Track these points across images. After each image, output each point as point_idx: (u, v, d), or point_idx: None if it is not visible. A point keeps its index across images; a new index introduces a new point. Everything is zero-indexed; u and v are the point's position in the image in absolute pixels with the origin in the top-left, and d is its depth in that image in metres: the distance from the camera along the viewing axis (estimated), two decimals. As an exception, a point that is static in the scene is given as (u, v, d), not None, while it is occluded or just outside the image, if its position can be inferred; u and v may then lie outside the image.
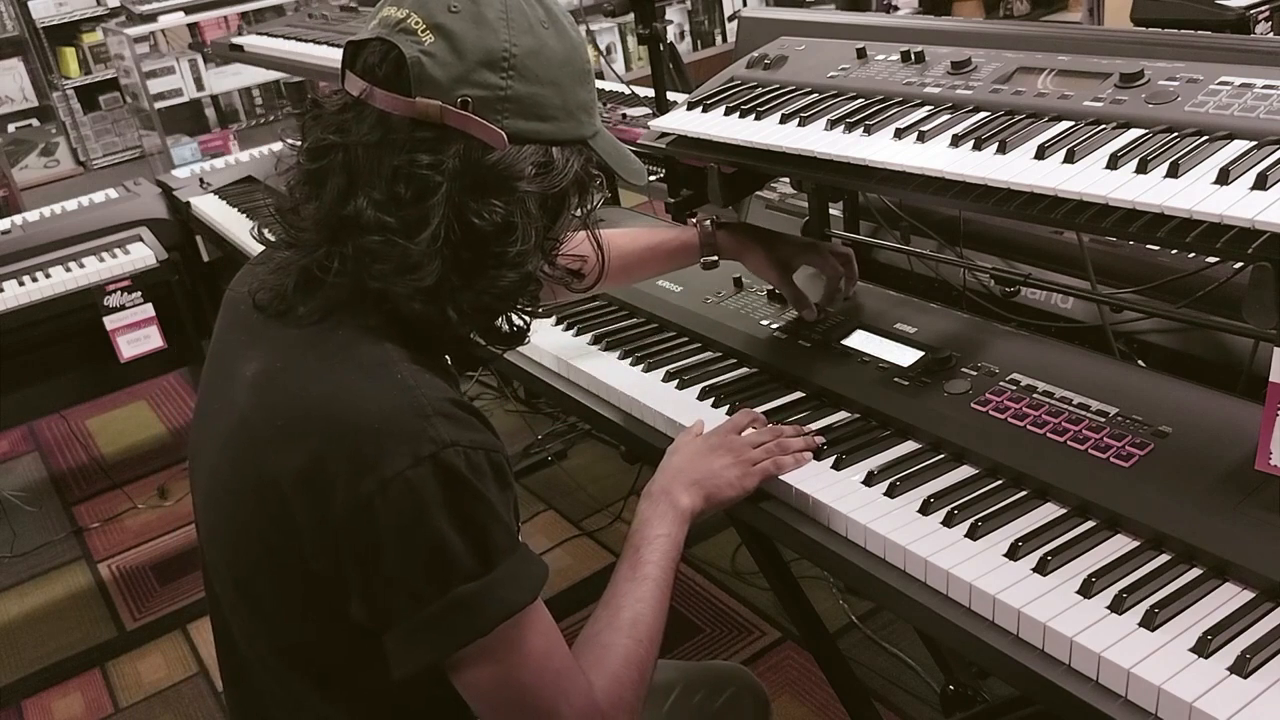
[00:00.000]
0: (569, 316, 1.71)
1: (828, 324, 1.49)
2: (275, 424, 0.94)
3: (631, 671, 1.03)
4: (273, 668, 1.05)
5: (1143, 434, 1.14)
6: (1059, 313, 1.68)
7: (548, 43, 0.98)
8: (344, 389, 0.92)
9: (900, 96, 1.40)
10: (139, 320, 2.86)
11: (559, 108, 0.98)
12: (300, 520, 0.93)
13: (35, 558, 3.09)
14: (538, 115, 0.97)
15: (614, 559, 2.71)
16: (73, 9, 5.89)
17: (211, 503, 1.05)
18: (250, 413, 0.97)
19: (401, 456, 0.88)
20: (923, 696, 2.07)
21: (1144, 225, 1.05)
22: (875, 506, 1.15)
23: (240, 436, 0.98)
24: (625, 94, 2.70)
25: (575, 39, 1.02)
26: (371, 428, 0.89)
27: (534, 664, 0.95)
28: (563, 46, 0.99)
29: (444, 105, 0.93)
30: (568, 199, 1.02)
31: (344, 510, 0.89)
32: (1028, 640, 0.97)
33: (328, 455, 0.90)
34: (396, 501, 0.88)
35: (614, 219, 2.02)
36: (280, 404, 0.95)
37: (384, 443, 0.89)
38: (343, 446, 0.90)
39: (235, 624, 1.08)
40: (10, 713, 2.51)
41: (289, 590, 0.98)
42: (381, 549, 0.90)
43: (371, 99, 0.94)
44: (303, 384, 0.94)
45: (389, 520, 0.89)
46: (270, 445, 0.94)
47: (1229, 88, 1.16)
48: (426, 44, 0.93)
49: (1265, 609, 0.94)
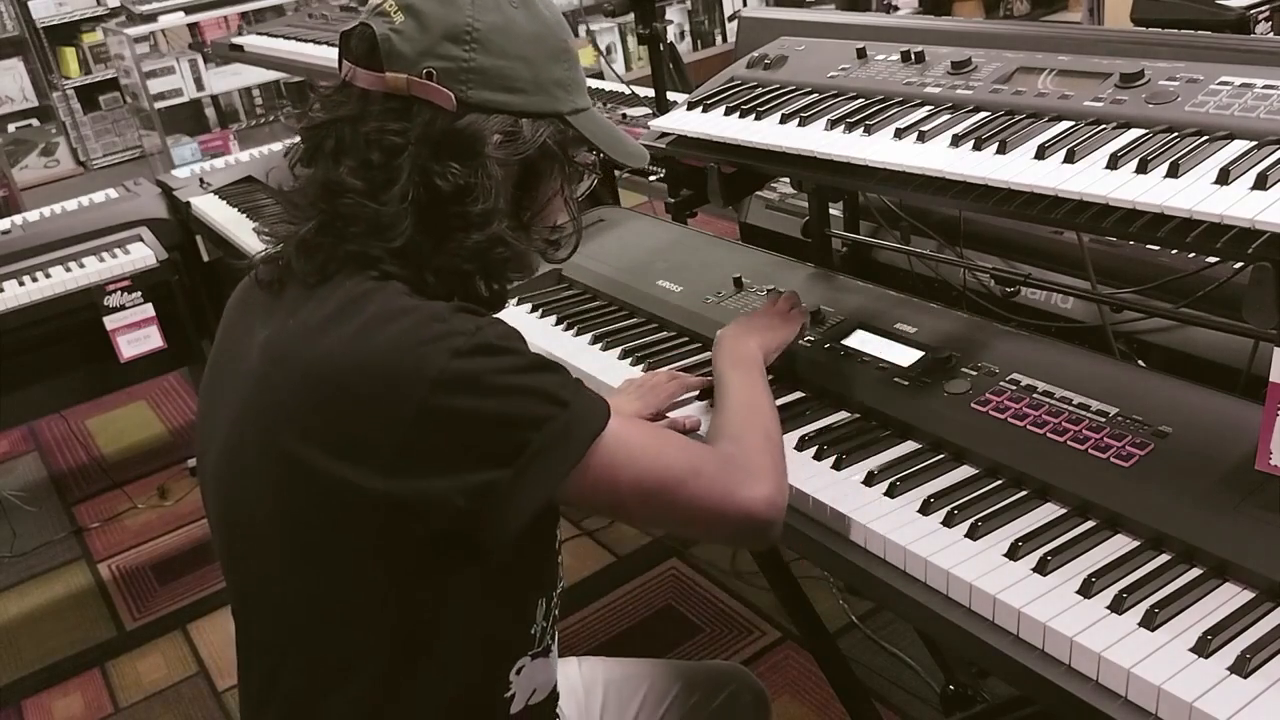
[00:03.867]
0: (569, 316, 1.71)
1: (828, 324, 1.49)
2: (296, 378, 0.96)
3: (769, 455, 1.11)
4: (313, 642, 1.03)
5: (1143, 434, 1.14)
6: (1059, 313, 1.68)
7: (515, 20, 1.03)
8: (361, 326, 0.95)
9: (900, 96, 1.40)
10: (139, 320, 2.86)
11: (529, 81, 1.04)
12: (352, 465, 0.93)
13: (35, 558, 3.09)
14: (505, 87, 1.02)
15: (614, 559, 2.73)
16: (73, 9, 5.89)
17: (225, 481, 1.05)
18: (268, 373, 0.99)
19: (439, 355, 0.92)
20: (923, 696, 2.07)
21: (1144, 225, 1.05)
22: (875, 506, 1.15)
23: (259, 402, 0.99)
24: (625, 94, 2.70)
25: (549, 19, 1.07)
26: (402, 345, 0.93)
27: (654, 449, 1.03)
28: (533, 24, 1.04)
29: (410, 77, 1.00)
30: (539, 169, 1.06)
31: (408, 425, 0.92)
32: (1028, 640, 0.97)
33: (366, 387, 0.93)
34: (456, 392, 0.92)
35: (614, 219, 2.02)
36: (300, 355, 0.97)
37: (419, 351, 0.93)
38: (380, 371, 0.93)
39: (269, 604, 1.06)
40: (10, 713, 2.51)
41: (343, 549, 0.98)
42: (460, 438, 0.93)
43: (355, 79, 1.03)
44: (318, 333, 0.97)
45: (458, 409, 0.92)
46: (296, 402, 0.96)
47: (1229, 88, 1.16)
48: (397, 23, 1.01)
49: (1265, 609, 0.94)
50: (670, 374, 1.44)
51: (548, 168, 1.07)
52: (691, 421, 1.34)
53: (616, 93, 2.81)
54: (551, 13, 1.08)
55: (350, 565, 0.98)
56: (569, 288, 1.83)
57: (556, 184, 1.10)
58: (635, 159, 1.18)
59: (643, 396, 1.38)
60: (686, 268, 1.75)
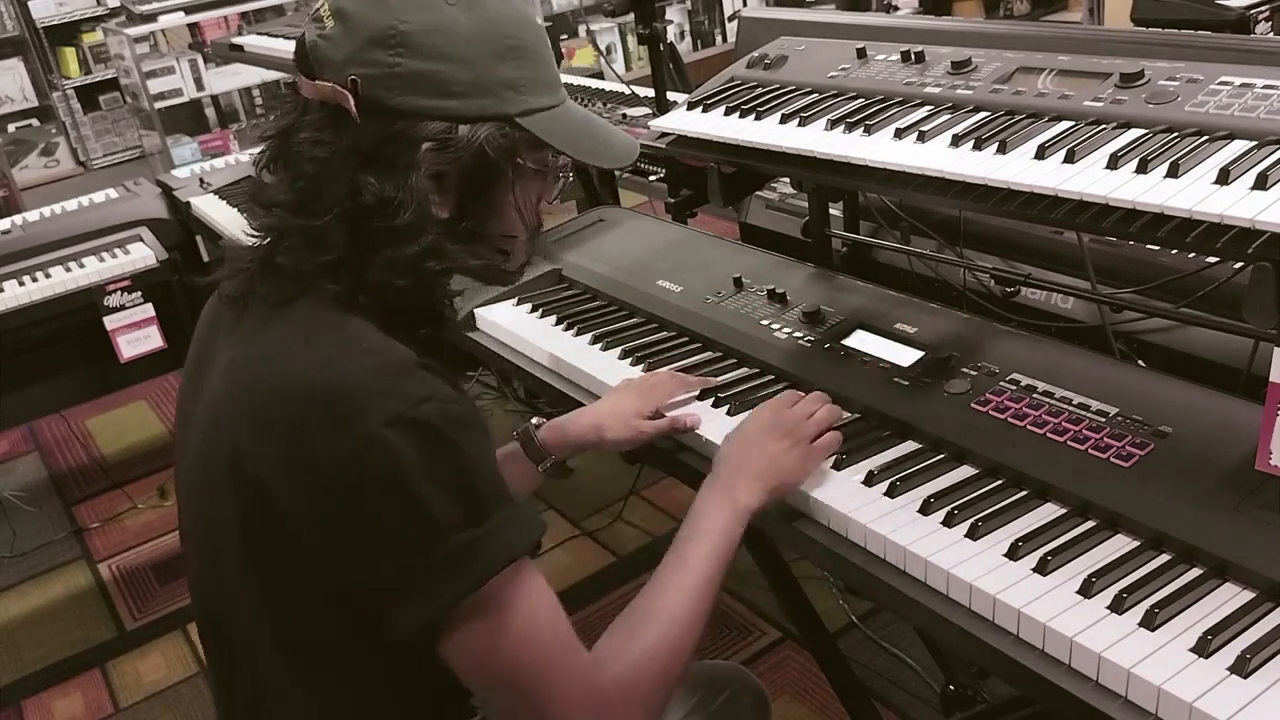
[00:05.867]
0: (569, 316, 1.71)
1: (828, 324, 1.49)
2: (247, 405, 0.95)
3: (654, 665, 1.00)
4: (264, 656, 1.04)
5: (1143, 434, 1.14)
6: (1059, 313, 1.68)
7: (451, 19, 0.98)
8: (312, 360, 0.94)
9: (900, 96, 1.40)
10: (139, 320, 2.86)
11: (467, 83, 0.98)
12: (284, 499, 0.92)
13: (35, 558, 3.09)
14: (437, 91, 0.97)
15: (614, 559, 2.73)
16: (73, 9, 5.89)
17: (192, 497, 1.05)
18: (223, 399, 0.99)
19: (375, 416, 0.89)
20: (923, 696, 2.07)
21: (1144, 225, 1.05)
22: (875, 506, 1.15)
23: (214, 424, 0.99)
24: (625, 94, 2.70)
25: (497, 15, 1.00)
26: (342, 392, 0.91)
27: (528, 631, 0.94)
28: (473, 23, 0.98)
29: (334, 85, 0.97)
30: (481, 176, 1.01)
31: (327, 477, 0.90)
32: (1028, 640, 0.97)
33: (303, 426, 0.91)
34: (377, 461, 0.88)
35: (614, 219, 2.02)
36: (251, 384, 0.96)
37: (356, 404, 0.90)
38: (316, 414, 0.91)
39: (222, 614, 1.07)
40: (10, 713, 2.51)
41: (279, 573, 0.98)
42: (370, 510, 0.90)
43: (300, 88, 1.01)
44: (271, 362, 0.96)
45: (373, 480, 0.89)
46: (245, 428, 0.95)
47: (1229, 88, 1.16)
48: (327, 29, 0.98)
49: (1265, 609, 0.94)
50: (670, 374, 1.44)
51: (491, 174, 1.02)
52: (692, 420, 1.34)
53: (616, 93, 2.81)
54: (502, 8, 1.01)
55: (303, 602, 0.98)
56: (569, 288, 1.83)
57: (505, 191, 1.04)
58: (611, 159, 1.12)
59: (642, 396, 1.38)
60: (686, 268, 1.75)
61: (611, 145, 1.11)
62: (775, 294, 1.59)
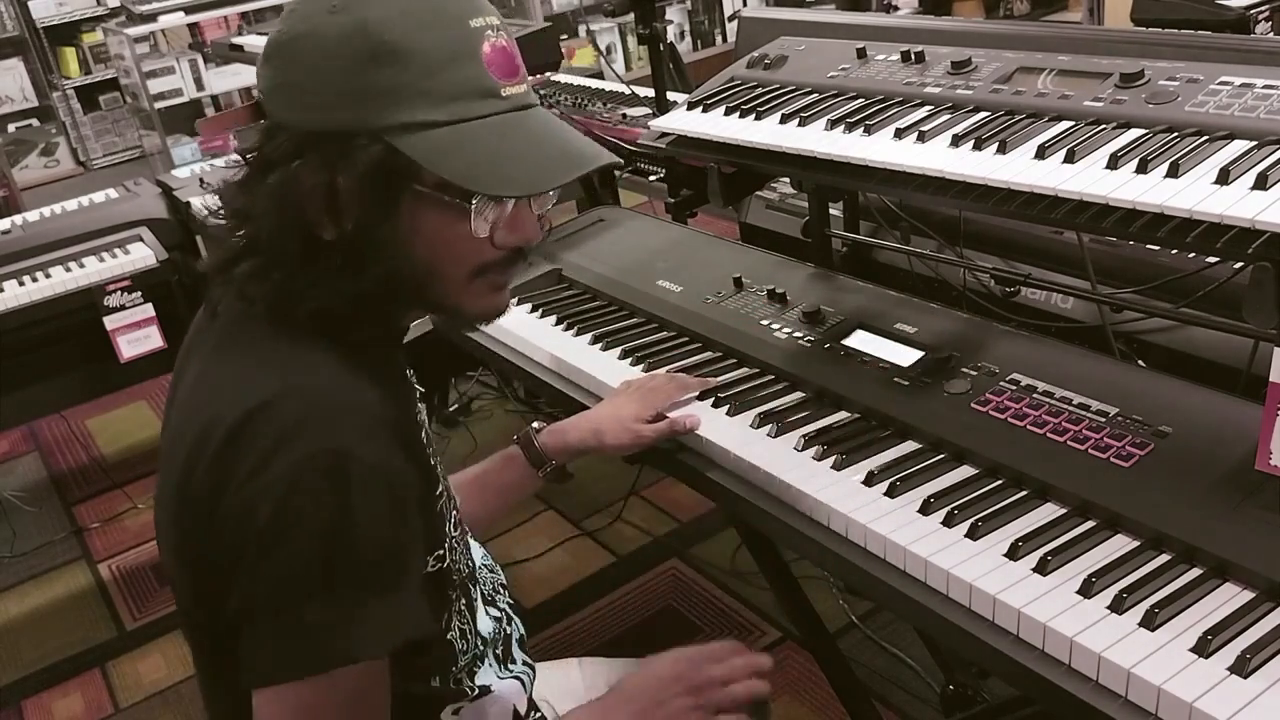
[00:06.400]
0: (569, 316, 1.71)
1: (828, 324, 1.49)
2: (188, 432, 0.91)
3: None
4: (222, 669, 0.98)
5: (1143, 434, 1.14)
6: (1059, 313, 1.68)
7: (320, 27, 0.89)
8: (250, 391, 0.88)
9: (900, 96, 1.40)
10: (139, 320, 2.86)
11: (327, 93, 0.89)
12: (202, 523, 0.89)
13: (35, 558, 3.09)
14: (301, 104, 0.90)
15: (614, 559, 2.73)
16: (73, 9, 5.89)
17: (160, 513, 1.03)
18: (173, 426, 0.97)
19: (288, 456, 0.84)
20: (923, 696, 2.07)
21: (1144, 225, 1.05)
22: (875, 506, 1.15)
23: (166, 450, 0.97)
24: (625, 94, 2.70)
25: (377, 15, 0.88)
26: (266, 428, 0.85)
27: None
28: (343, 26, 0.88)
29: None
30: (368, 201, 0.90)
31: (232, 506, 0.86)
32: (1028, 640, 0.97)
33: (226, 455, 0.86)
34: (275, 501, 0.83)
35: (614, 219, 2.02)
36: (194, 411, 0.93)
37: (280, 442, 0.84)
38: (239, 445, 0.86)
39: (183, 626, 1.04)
40: (10, 713, 2.51)
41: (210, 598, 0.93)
42: (255, 545, 0.84)
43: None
44: (215, 389, 0.92)
45: (264, 518, 0.83)
46: (184, 453, 0.91)
47: (1229, 88, 1.16)
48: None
49: (1265, 609, 0.94)
50: (669, 376, 1.44)
51: (376, 199, 0.90)
52: (692, 421, 1.34)
53: (616, 93, 2.81)
54: (388, 9, 0.89)
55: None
56: (569, 288, 1.83)
57: (399, 219, 0.91)
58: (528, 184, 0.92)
59: (642, 400, 1.38)
60: (686, 268, 1.75)
61: (543, 168, 0.93)
62: (775, 294, 1.59)
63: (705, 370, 1.48)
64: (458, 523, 1.07)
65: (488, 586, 1.16)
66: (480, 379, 3.44)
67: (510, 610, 1.18)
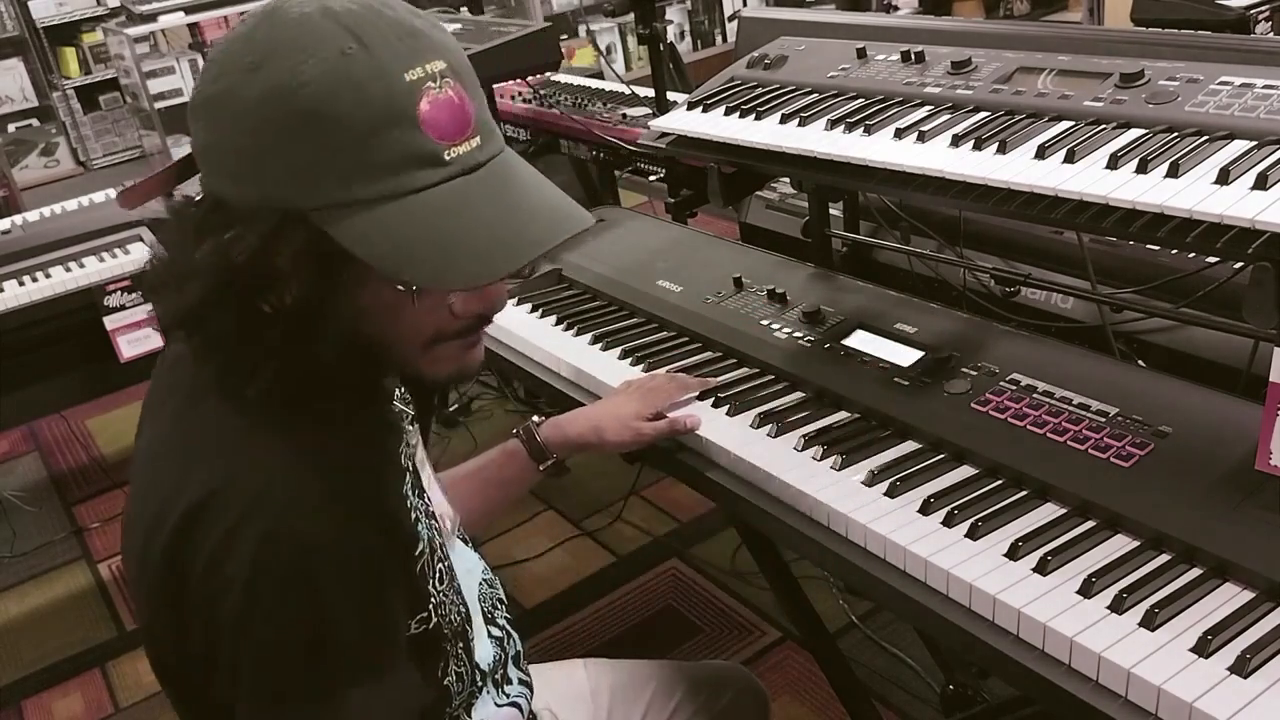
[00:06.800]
0: (569, 316, 1.71)
1: (828, 324, 1.49)
2: (145, 510, 0.88)
3: None
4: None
5: (1143, 434, 1.14)
6: (1059, 313, 1.68)
7: (238, 87, 0.79)
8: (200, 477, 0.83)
9: (900, 96, 1.40)
10: (139, 320, 2.86)
11: (251, 164, 0.80)
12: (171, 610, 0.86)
13: (35, 558, 3.09)
14: (228, 172, 0.82)
15: (614, 559, 2.73)
16: (73, 9, 5.89)
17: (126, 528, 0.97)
18: (133, 490, 0.92)
19: (243, 547, 0.79)
20: (923, 696, 2.07)
21: (1144, 225, 1.05)
22: (875, 506, 1.15)
23: (128, 514, 0.92)
24: (625, 94, 2.70)
25: (293, 79, 0.77)
26: (218, 518, 0.81)
27: None
28: (261, 90, 0.78)
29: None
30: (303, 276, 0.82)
31: (197, 601, 0.82)
32: (1028, 640, 0.97)
33: (180, 546, 0.82)
34: (237, 598, 0.79)
35: (614, 219, 2.02)
36: (149, 487, 0.89)
37: (232, 534, 0.80)
38: (192, 537, 0.82)
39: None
40: (10, 713, 2.51)
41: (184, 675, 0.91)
42: (226, 642, 0.81)
43: None
44: (167, 469, 0.87)
45: (229, 616, 0.80)
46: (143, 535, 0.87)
47: (1229, 88, 1.16)
48: None
49: (1265, 609, 0.94)
50: (669, 376, 1.44)
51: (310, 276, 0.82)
52: (692, 421, 1.34)
53: (616, 93, 2.81)
54: (306, 68, 0.78)
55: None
56: (569, 288, 1.83)
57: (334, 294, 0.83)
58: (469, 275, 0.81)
59: (643, 397, 1.38)
60: (686, 268, 1.75)
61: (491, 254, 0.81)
62: (775, 294, 1.59)
63: (705, 370, 1.48)
64: (445, 572, 0.98)
65: (487, 604, 1.13)
66: (480, 379, 3.44)
67: (509, 625, 1.16)
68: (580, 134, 2.62)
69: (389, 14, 0.82)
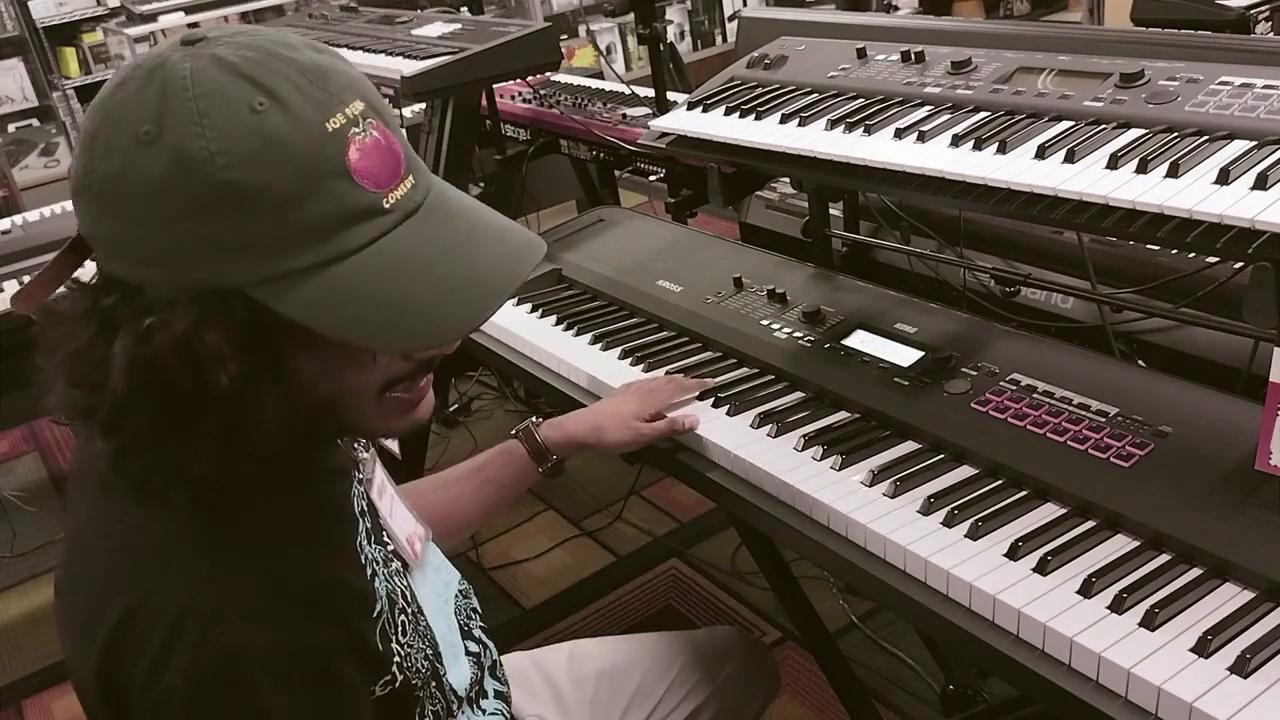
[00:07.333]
0: (569, 316, 1.71)
1: (828, 324, 1.49)
2: (75, 609, 0.84)
3: None
4: None
5: (1143, 434, 1.14)
6: (1059, 313, 1.68)
7: (135, 165, 0.70)
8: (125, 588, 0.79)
9: (900, 96, 1.40)
10: (139, 320, 2.86)
11: (162, 248, 0.71)
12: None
13: (35, 558, 3.08)
14: (134, 258, 0.73)
15: (614, 559, 2.73)
16: (73, 9, 5.89)
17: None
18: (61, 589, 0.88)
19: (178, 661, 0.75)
20: (923, 696, 2.07)
21: (1144, 225, 1.05)
22: (875, 506, 1.15)
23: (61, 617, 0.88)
24: (625, 94, 2.70)
25: (208, 145, 0.69)
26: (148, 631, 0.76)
27: None
28: (165, 166, 0.70)
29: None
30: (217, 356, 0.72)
31: (138, 708, 0.77)
32: (1028, 640, 0.97)
33: (113, 661, 0.78)
34: (180, 702, 0.75)
35: (614, 219, 2.02)
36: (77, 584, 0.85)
37: (163, 651, 0.75)
38: (124, 652, 0.77)
39: None
40: (10, 713, 2.51)
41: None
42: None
43: None
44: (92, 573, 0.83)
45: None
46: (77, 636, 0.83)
47: (1229, 88, 1.16)
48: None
49: (1265, 609, 0.94)
50: (669, 378, 1.44)
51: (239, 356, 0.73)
52: (691, 421, 1.34)
53: (616, 93, 2.81)
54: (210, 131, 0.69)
55: None
56: (569, 288, 1.83)
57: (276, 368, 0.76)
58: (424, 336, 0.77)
59: (642, 399, 1.38)
60: (686, 268, 1.75)
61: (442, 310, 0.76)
62: (775, 294, 1.59)
63: (705, 370, 1.48)
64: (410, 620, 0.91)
65: (463, 615, 1.10)
66: (480, 379, 3.44)
67: (484, 635, 1.13)
68: (580, 134, 2.62)
69: (290, 55, 0.73)
